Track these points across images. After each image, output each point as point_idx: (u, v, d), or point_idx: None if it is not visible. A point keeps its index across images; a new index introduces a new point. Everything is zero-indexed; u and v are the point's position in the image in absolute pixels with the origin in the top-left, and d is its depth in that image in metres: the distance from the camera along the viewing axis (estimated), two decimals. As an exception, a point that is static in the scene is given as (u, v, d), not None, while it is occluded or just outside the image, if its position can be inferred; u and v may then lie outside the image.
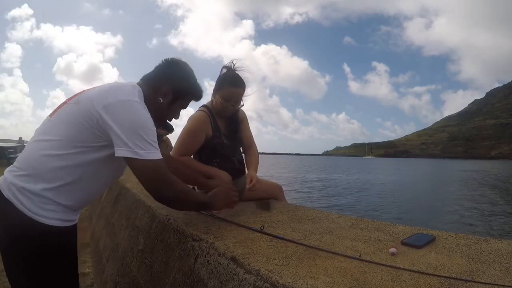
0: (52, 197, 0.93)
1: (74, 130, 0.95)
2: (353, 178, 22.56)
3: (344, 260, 0.85)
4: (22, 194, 0.91)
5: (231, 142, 1.77)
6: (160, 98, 1.09)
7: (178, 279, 1.07)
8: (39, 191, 0.92)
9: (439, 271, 0.78)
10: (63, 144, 0.95)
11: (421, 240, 1.02)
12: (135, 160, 0.92)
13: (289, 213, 1.46)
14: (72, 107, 0.99)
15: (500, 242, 1.04)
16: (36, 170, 0.93)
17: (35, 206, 0.91)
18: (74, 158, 0.95)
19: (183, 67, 1.15)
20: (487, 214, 9.45)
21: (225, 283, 0.85)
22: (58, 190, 0.94)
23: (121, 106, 0.95)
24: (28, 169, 0.94)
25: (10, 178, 0.94)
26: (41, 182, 0.92)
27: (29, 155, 0.98)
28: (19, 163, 0.97)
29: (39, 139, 0.99)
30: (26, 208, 0.90)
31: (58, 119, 1.00)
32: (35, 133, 1.02)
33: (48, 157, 0.94)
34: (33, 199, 0.91)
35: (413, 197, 13.85)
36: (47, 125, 1.01)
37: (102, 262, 2.20)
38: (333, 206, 10.26)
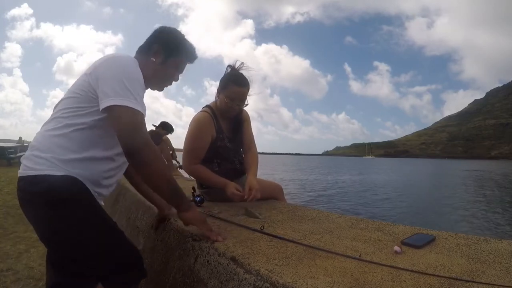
0: (63, 166, 0.92)
1: (71, 100, 0.98)
2: (353, 178, 22.56)
3: (344, 260, 0.85)
4: (33, 162, 0.93)
5: (233, 144, 1.77)
6: (153, 58, 1.10)
7: (178, 279, 1.07)
8: (48, 157, 0.92)
9: (439, 271, 0.78)
10: (64, 115, 0.97)
11: (421, 240, 1.02)
12: (113, 107, 0.89)
13: (289, 213, 1.46)
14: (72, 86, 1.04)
15: (500, 242, 1.04)
16: (43, 145, 0.95)
17: (47, 166, 0.91)
18: (75, 125, 0.95)
19: (171, 28, 1.17)
20: (487, 214, 9.45)
21: (225, 283, 0.85)
22: (68, 162, 0.93)
23: (110, 61, 0.98)
24: (37, 145, 0.96)
25: (25, 160, 0.96)
26: (49, 153, 0.93)
27: (37, 135, 1.00)
28: (31, 145, 1.00)
29: (46, 122, 1.02)
30: (40, 170, 0.91)
31: (62, 99, 1.03)
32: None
33: (52, 135, 0.96)
34: (43, 162, 0.92)
35: (413, 197, 13.84)
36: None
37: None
38: (332, 206, 10.26)
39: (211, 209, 1.46)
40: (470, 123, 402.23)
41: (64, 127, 0.96)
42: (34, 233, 2.83)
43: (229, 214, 1.36)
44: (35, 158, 0.94)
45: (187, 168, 1.70)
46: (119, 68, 0.95)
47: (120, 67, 0.96)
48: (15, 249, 2.92)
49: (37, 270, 2.51)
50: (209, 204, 1.59)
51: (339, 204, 10.87)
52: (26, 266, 2.57)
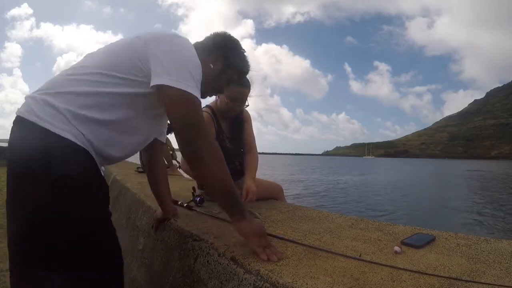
0: (75, 124, 0.81)
1: (112, 57, 0.87)
2: (355, 179, 22.56)
3: (344, 260, 0.85)
4: (44, 111, 0.79)
5: (234, 145, 1.77)
6: (211, 64, 1.01)
7: (178, 279, 1.07)
8: (62, 109, 0.80)
9: (439, 271, 0.78)
10: (95, 70, 0.85)
11: (421, 240, 1.02)
12: (174, 89, 0.80)
13: (289, 213, 1.46)
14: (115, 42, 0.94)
15: (500, 242, 1.04)
16: (61, 89, 0.83)
17: (59, 121, 0.79)
18: (105, 88, 0.84)
19: (236, 41, 1.08)
20: (488, 214, 9.45)
21: (225, 283, 0.85)
22: (82, 120, 0.82)
23: (171, 38, 0.89)
24: (53, 88, 0.84)
25: (30, 99, 0.83)
26: (66, 103, 0.81)
27: (56, 77, 0.88)
28: (43, 85, 0.86)
29: (71, 67, 0.91)
30: (51, 124, 0.77)
31: (96, 51, 0.93)
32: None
33: (76, 80, 0.85)
34: (56, 115, 0.79)
35: (413, 197, 13.84)
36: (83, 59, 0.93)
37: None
38: (333, 206, 10.26)
39: (211, 209, 1.46)
40: (470, 123, 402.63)
41: (93, 83, 0.84)
42: (34, 233, 2.76)
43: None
44: (43, 103, 0.80)
45: (184, 166, 1.70)
46: (181, 50, 0.87)
47: (182, 49, 0.87)
48: (15, 249, 2.91)
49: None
50: (209, 204, 1.59)
51: (343, 205, 10.87)
52: (26, 266, 2.56)
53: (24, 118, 0.80)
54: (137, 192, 1.95)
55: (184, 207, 1.45)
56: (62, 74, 0.89)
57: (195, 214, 1.38)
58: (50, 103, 0.81)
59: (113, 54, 0.89)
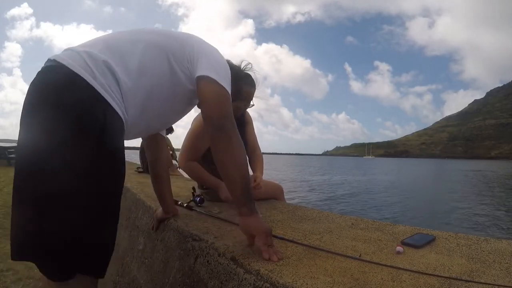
0: (124, 100, 0.84)
1: (171, 42, 0.94)
2: (353, 179, 22.56)
3: (344, 260, 0.85)
4: (105, 77, 0.80)
5: None
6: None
7: (178, 279, 1.07)
8: (122, 82, 0.83)
9: (439, 271, 0.78)
10: (156, 49, 0.91)
11: (421, 240, 1.02)
12: (215, 82, 0.89)
13: (289, 213, 1.46)
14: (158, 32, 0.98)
15: (500, 242, 1.04)
16: (124, 58, 0.86)
17: (117, 96, 0.82)
18: (161, 68, 0.90)
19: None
20: (488, 214, 9.45)
21: (225, 283, 0.85)
22: (131, 97, 0.85)
23: (213, 50, 1.00)
24: (118, 54, 0.86)
25: (87, 56, 0.82)
26: (125, 75, 0.84)
27: (116, 41, 0.90)
28: (102, 44, 0.88)
29: (128, 33, 0.95)
30: (112, 99, 0.80)
31: (148, 30, 0.98)
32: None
33: (138, 54, 0.88)
34: (116, 88, 0.82)
35: (413, 197, 13.84)
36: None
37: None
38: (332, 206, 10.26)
39: (211, 209, 1.46)
40: (470, 123, 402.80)
41: (151, 61, 0.89)
42: (34, 233, 2.74)
43: (229, 214, 1.36)
44: (105, 68, 0.81)
45: (182, 164, 1.70)
46: (223, 61, 0.99)
47: (223, 61, 1.00)
48: (15, 249, 2.92)
49: (37, 270, 2.51)
50: (209, 204, 1.59)
51: (339, 203, 10.86)
52: (26, 266, 2.57)
53: (81, 77, 0.78)
54: (137, 192, 1.95)
55: (184, 207, 1.45)
56: (122, 39, 0.91)
57: (195, 214, 1.38)
58: (112, 70, 0.82)
59: (170, 40, 0.95)
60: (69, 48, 0.88)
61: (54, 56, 0.84)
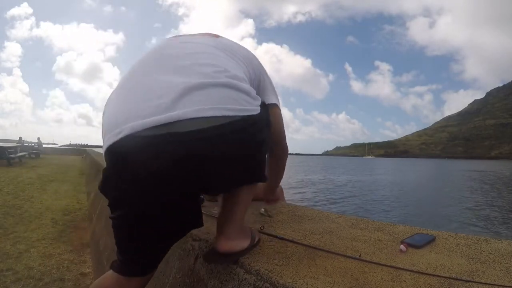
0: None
1: (243, 60, 0.92)
2: (353, 179, 22.55)
3: (344, 260, 0.85)
4: (236, 89, 0.75)
5: None
6: None
7: (178, 279, 1.06)
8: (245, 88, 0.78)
9: (439, 271, 0.78)
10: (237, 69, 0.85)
11: (421, 240, 1.02)
12: (278, 109, 1.02)
13: (289, 213, 1.46)
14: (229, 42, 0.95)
15: (500, 242, 1.04)
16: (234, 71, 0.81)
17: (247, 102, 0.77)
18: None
19: None
20: (488, 214, 9.45)
21: (225, 283, 0.85)
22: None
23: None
24: (231, 69, 0.80)
25: (199, 82, 0.72)
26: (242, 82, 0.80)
27: (222, 54, 0.85)
28: (218, 60, 0.81)
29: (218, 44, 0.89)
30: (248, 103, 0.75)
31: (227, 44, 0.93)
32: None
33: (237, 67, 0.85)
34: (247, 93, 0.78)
35: (413, 197, 13.84)
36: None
37: (102, 262, 2.20)
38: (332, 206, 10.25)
39: (211, 209, 1.46)
40: (470, 123, 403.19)
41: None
42: (34, 233, 2.86)
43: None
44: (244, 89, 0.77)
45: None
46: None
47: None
48: (15, 249, 2.92)
49: (37, 270, 2.51)
50: (209, 204, 1.59)
51: (339, 203, 10.85)
52: (26, 266, 2.57)
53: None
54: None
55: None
56: (221, 56, 0.84)
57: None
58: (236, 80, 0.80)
59: (242, 58, 0.93)
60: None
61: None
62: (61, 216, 4.36)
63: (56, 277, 2.40)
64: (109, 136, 0.70)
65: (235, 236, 0.83)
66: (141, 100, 0.70)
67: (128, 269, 0.78)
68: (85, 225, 3.98)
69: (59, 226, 3.87)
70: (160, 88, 0.71)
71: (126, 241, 0.78)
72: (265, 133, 0.79)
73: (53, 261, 2.72)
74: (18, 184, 6.84)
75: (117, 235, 0.79)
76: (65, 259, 2.79)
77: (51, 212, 4.58)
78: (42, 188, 6.64)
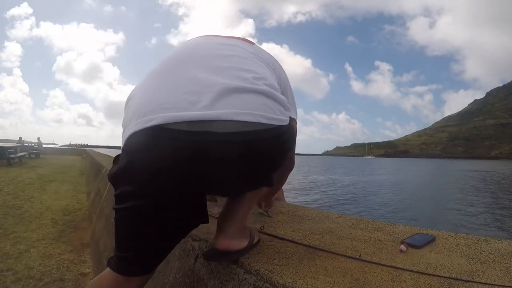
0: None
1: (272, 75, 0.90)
2: (353, 179, 22.55)
3: (344, 260, 0.85)
4: (272, 99, 0.74)
5: None
6: None
7: (178, 279, 1.06)
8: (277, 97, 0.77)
9: (439, 271, 0.78)
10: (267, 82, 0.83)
11: (421, 240, 1.02)
12: (296, 124, 0.94)
13: (289, 213, 1.46)
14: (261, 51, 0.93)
15: (500, 242, 1.04)
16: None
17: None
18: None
19: None
20: (488, 214, 9.45)
21: (225, 283, 0.85)
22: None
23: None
24: (263, 75, 0.79)
25: (236, 87, 0.71)
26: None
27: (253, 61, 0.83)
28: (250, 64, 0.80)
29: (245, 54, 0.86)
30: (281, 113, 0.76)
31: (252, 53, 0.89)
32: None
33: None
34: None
35: (413, 197, 13.84)
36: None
37: (102, 262, 2.20)
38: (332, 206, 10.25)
39: (211, 209, 1.46)
40: (470, 123, 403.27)
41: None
42: (34, 233, 2.86)
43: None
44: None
45: None
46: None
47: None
48: (15, 249, 2.92)
49: (37, 270, 2.51)
50: (209, 204, 1.59)
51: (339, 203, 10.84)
52: (26, 266, 2.57)
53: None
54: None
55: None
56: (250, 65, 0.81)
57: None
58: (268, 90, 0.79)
59: (275, 69, 0.91)
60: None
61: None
62: (61, 216, 4.36)
63: (56, 277, 2.40)
64: (137, 122, 0.68)
65: (234, 235, 0.83)
66: (176, 93, 0.69)
67: (127, 268, 0.76)
68: (85, 225, 3.98)
69: (59, 226, 3.86)
70: (197, 85, 0.70)
71: (130, 237, 0.75)
72: (291, 144, 0.80)
73: (53, 261, 2.72)
74: (18, 184, 6.84)
75: (120, 229, 0.76)
76: (65, 259, 2.79)
77: (51, 212, 4.57)
78: (42, 188, 6.64)
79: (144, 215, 0.71)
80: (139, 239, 0.75)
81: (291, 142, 0.80)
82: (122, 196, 0.72)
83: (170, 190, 0.70)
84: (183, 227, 0.80)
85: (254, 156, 0.70)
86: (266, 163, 0.75)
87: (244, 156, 0.68)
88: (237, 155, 0.67)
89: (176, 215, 0.75)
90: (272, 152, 0.74)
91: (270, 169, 0.79)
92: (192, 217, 0.80)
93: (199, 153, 0.64)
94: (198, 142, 0.64)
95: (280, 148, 0.76)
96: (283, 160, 0.81)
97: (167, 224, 0.75)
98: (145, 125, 0.66)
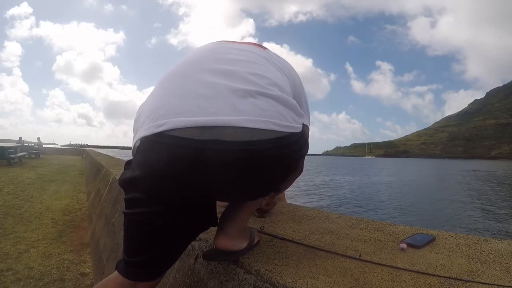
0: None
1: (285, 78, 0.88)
2: (353, 179, 22.55)
3: (344, 260, 0.85)
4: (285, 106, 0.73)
5: None
6: None
7: (178, 279, 1.06)
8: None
9: (439, 271, 0.78)
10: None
11: (421, 240, 1.02)
12: (308, 130, 0.90)
13: (289, 213, 1.46)
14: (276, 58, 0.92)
15: (500, 242, 1.04)
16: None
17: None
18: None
19: None
20: (488, 214, 9.45)
21: (225, 283, 0.85)
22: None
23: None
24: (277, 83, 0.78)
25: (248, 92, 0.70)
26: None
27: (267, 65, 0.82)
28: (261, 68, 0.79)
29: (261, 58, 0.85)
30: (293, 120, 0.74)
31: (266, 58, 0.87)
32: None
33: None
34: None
35: (413, 197, 13.83)
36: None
37: (102, 262, 2.20)
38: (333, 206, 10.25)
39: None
40: (470, 123, 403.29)
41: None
42: (34, 233, 2.87)
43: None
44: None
45: None
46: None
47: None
48: (15, 249, 2.92)
49: (37, 270, 2.51)
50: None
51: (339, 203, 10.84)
52: (26, 266, 2.57)
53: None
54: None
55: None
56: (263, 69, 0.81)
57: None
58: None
59: (289, 74, 0.89)
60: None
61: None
62: (61, 216, 4.36)
63: (56, 277, 2.40)
64: (149, 126, 0.68)
65: (234, 235, 0.83)
66: (188, 98, 0.69)
67: (136, 272, 0.75)
68: (85, 225, 3.98)
69: (59, 226, 3.87)
70: (209, 89, 0.70)
71: (139, 242, 0.74)
72: (303, 152, 0.79)
73: (53, 261, 2.72)
74: (18, 184, 6.84)
75: (129, 234, 0.75)
76: (65, 259, 2.79)
77: (51, 212, 4.58)
78: (42, 188, 6.64)
79: (154, 221, 0.70)
80: (148, 245, 0.74)
81: (303, 150, 0.79)
82: (132, 201, 0.72)
83: (180, 197, 0.69)
84: (192, 231, 0.80)
85: (265, 165, 0.69)
86: (277, 171, 0.73)
87: (255, 164, 0.67)
88: (246, 163, 0.66)
89: (186, 221, 0.74)
90: (283, 161, 0.72)
91: (281, 178, 0.77)
92: (202, 221, 0.79)
93: (209, 160, 0.64)
94: (208, 149, 0.64)
95: (292, 156, 0.74)
96: (295, 168, 0.79)
97: (176, 229, 0.74)
98: (157, 130, 0.66)
